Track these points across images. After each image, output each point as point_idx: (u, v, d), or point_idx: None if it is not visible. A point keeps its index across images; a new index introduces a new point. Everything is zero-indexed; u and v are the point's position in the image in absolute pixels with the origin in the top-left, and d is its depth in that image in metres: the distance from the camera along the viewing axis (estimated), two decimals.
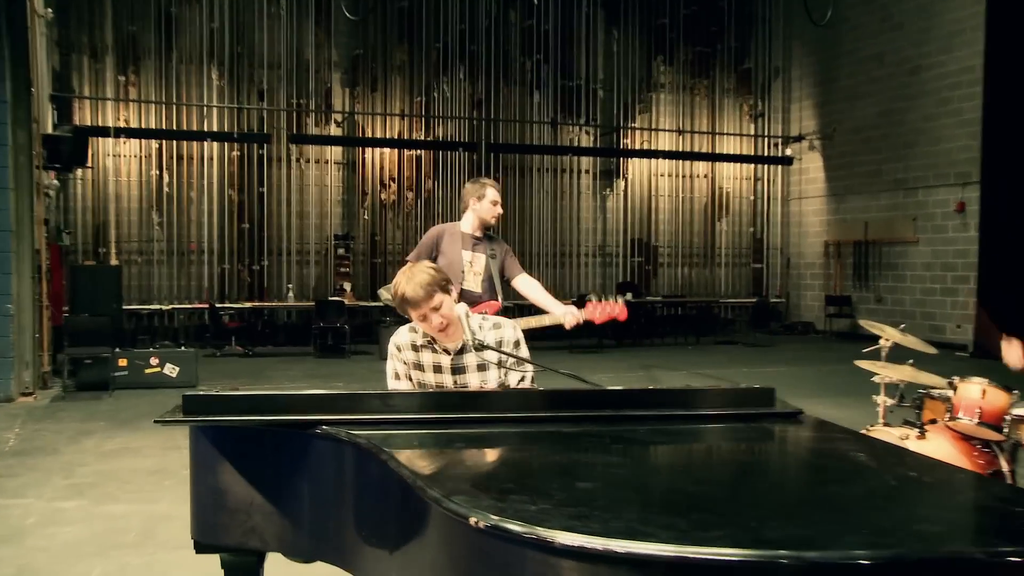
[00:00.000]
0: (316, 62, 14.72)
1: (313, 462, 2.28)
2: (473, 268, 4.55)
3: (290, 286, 14.35)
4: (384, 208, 15.05)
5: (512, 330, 2.98)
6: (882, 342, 5.39)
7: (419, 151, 15.10)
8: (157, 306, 13.64)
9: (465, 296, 4.50)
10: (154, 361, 9.37)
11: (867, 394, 8.17)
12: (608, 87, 16.29)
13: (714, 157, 17.03)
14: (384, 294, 16.59)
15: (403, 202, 15.15)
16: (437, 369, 2.93)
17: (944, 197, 14.26)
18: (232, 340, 13.25)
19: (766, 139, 17.58)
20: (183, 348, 9.83)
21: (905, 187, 15.00)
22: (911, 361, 5.14)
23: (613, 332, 14.46)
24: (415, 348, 2.96)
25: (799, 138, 17.32)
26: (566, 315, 4.25)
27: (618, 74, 16.36)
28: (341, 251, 14.49)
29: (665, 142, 16.75)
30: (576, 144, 16.07)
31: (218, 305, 13.63)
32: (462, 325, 2.84)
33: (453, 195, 15.44)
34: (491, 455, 2.13)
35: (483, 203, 4.53)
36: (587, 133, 16.20)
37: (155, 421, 2.25)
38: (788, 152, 17.58)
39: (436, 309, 2.81)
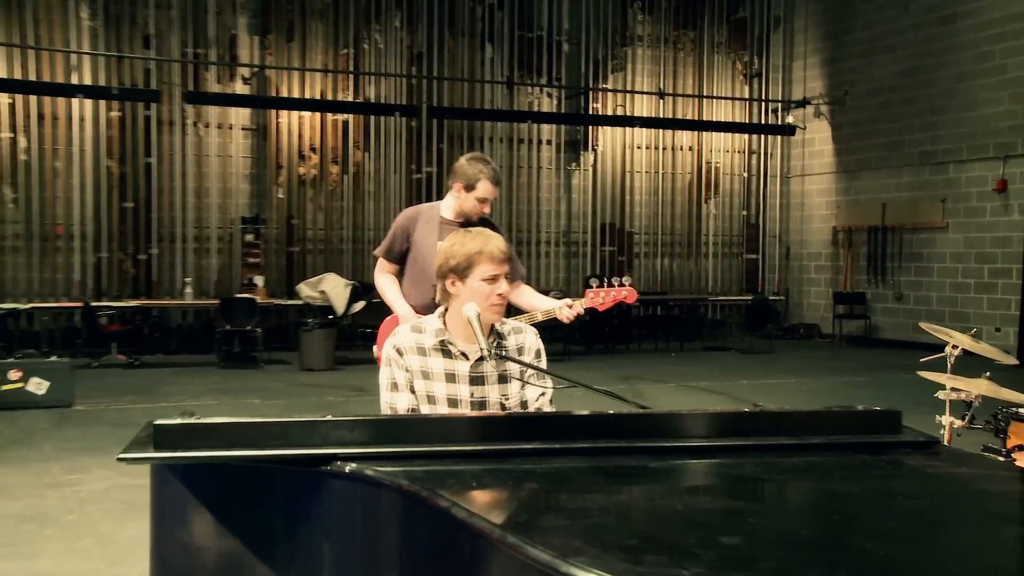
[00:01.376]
0: (218, 2, 14.41)
1: (335, 511, 2.11)
2: None
3: (187, 280, 14.04)
4: (303, 185, 14.86)
5: (534, 337, 3.07)
6: (948, 349, 5.37)
7: (346, 116, 14.95)
8: (12, 305, 13.17)
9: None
10: (14, 375, 8.95)
11: (911, 412, 8.16)
12: (575, 40, 16.30)
13: (701, 126, 17.12)
14: (306, 290, 16.27)
15: (326, 178, 14.97)
16: (451, 378, 2.97)
17: (981, 174, 14.52)
18: (112, 347, 12.91)
19: (763, 104, 17.74)
20: (54, 358, 9.45)
21: (932, 161, 15.24)
22: (988, 373, 5.13)
23: (582, 336, 14.45)
24: (422, 352, 2.98)
25: (803, 103, 17.52)
26: (561, 307, 4.32)
27: (587, 24, 16.35)
28: (250, 237, 14.28)
29: (643, 107, 16.80)
30: (536, 109, 16.05)
31: (94, 304, 13.24)
32: (472, 326, 2.89)
33: (388, 169, 15.27)
34: (583, 499, 1.99)
35: (469, 196, 4.49)
36: (549, 96, 16.20)
37: (119, 458, 2.05)
38: (790, 120, 17.76)
39: (505, 277, 2.93)
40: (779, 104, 17.79)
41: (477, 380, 2.98)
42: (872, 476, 2.27)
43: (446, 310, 3.07)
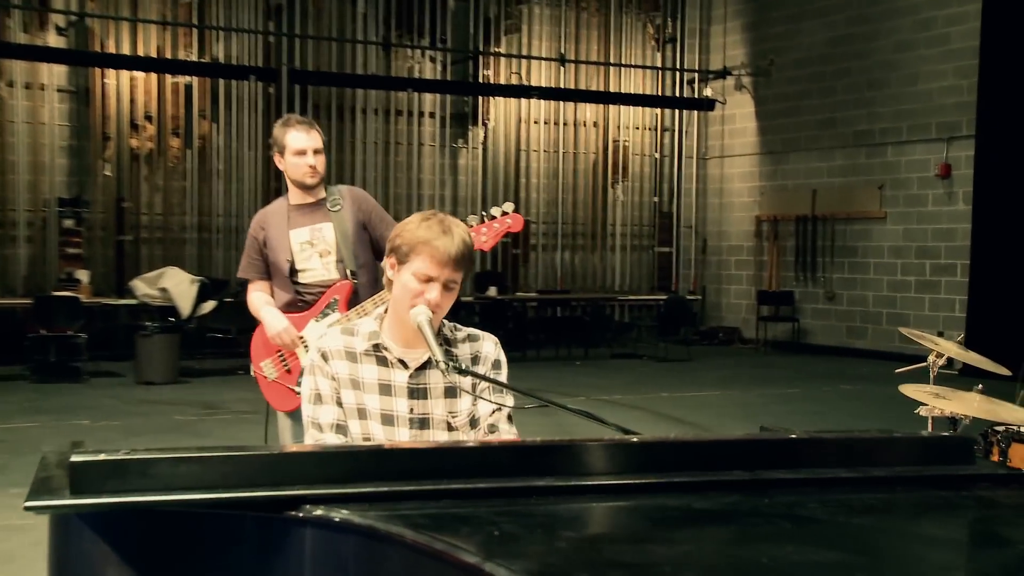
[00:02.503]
0: None
1: (311, 570, 1.92)
2: (316, 248, 4.61)
3: None
4: (136, 161, 14.44)
5: (493, 346, 3.09)
6: (932, 359, 5.43)
7: (188, 78, 14.61)
8: None
9: (311, 295, 4.59)
10: None
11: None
12: None
13: (607, 98, 17.23)
14: (142, 287, 15.81)
15: (165, 153, 14.58)
16: (385, 390, 2.99)
17: (923, 157, 14.94)
18: None
19: (678, 74, 17.99)
20: None
21: (869, 143, 15.63)
22: (980, 386, 5.21)
23: None
24: (352, 357, 3.00)
25: (723, 73, 17.78)
26: None
27: None
28: (69, 223, 13.81)
29: (541, 75, 16.85)
30: (417, 75, 15.98)
31: None
32: (426, 339, 2.87)
33: (241, 144, 14.95)
34: (643, 551, 1.86)
35: (288, 158, 4.56)
36: (432, 60, 16.15)
37: (26, 507, 1.83)
38: (707, 93, 18.01)
39: (453, 284, 2.97)
40: (695, 75, 18.05)
41: (417, 393, 2.99)
42: (968, 518, 2.23)
43: (386, 311, 3.04)
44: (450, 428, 2.99)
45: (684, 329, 16.27)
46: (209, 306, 12.86)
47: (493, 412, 3.03)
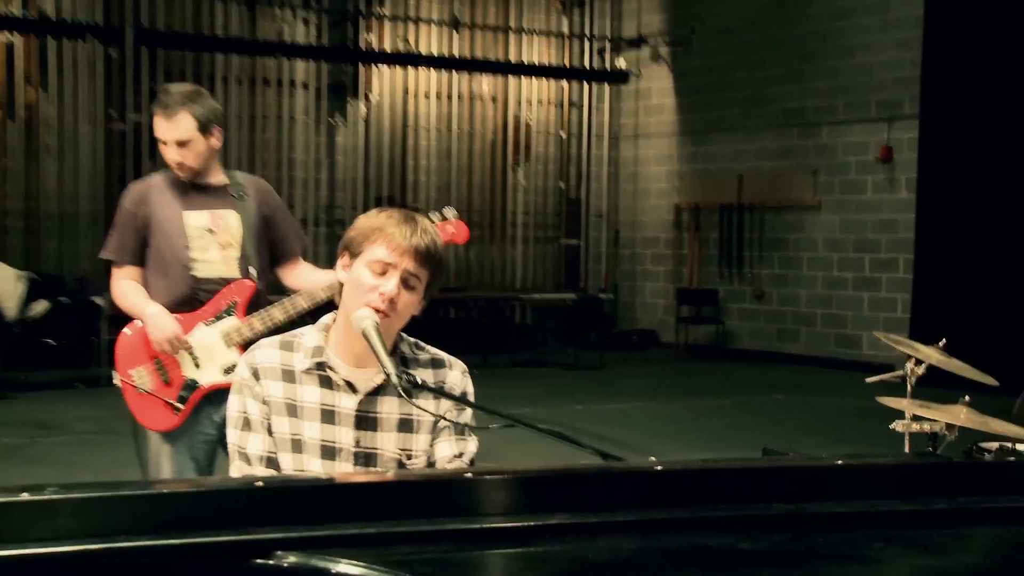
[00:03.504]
0: None
1: None
2: (217, 238, 4.54)
3: None
4: None
5: (461, 375, 3.08)
6: (910, 366, 5.46)
7: (11, 35, 14.22)
8: None
9: (204, 291, 4.51)
10: None
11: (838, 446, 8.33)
12: None
13: (507, 68, 17.20)
14: None
15: None
16: (328, 417, 2.96)
17: (861, 139, 15.18)
18: None
19: (587, 42, 18.00)
20: None
21: (801, 122, 15.83)
22: (967, 397, 5.24)
23: None
24: (289, 376, 2.98)
25: (638, 42, 17.87)
26: None
27: None
28: None
29: (431, 42, 16.80)
30: (287, 40, 15.81)
31: None
32: (373, 349, 2.83)
33: (78, 116, 14.62)
34: None
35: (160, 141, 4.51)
36: (305, 23, 15.97)
37: None
38: (620, 64, 18.09)
39: (415, 281, 2.95)
40: (606, 43, 18.10)
41: (366, 423, 2.96)
42: None
43: (334, 320, 3.01)
44: (401, 468, 2.96)
45: (594, 332, 16.28)
46: (41, 307, 12.47)
47: (453, 460, 3.00)
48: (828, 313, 15.51)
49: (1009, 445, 5.09)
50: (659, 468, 2.36)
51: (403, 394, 2.74)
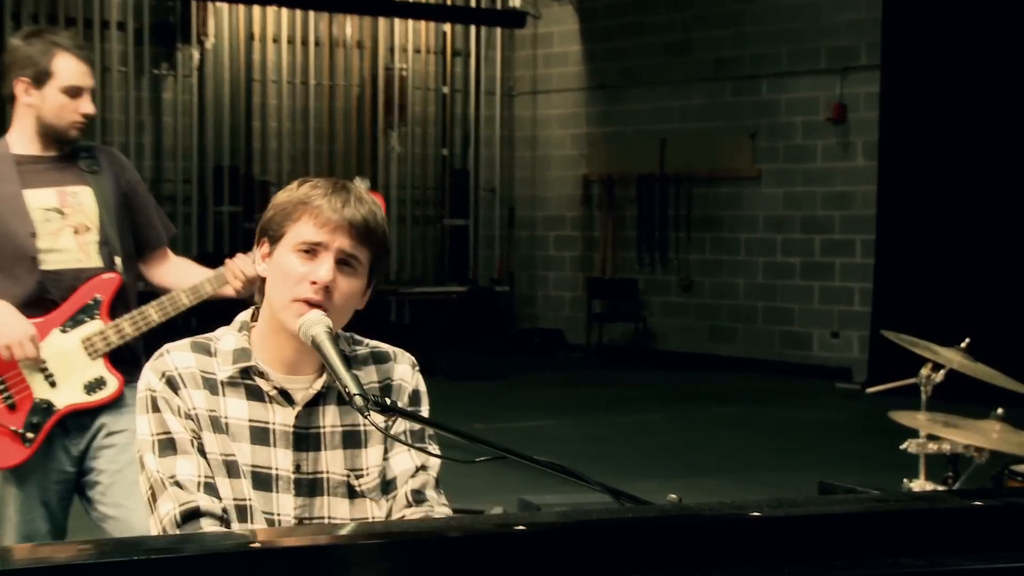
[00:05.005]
0: None
1: None
2: (68, 220, 4.50)
3: None
4: None
5: (409, 369, 3.10)
6: (924, 373, 5.43)
7: None
8: None
9: (57, 288, 4.46)
10: None
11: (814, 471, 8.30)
12: None
13: (376, 7, 17.15)
14: None
15: None
16: (261, 436, 2.94)
17: (809, 94, 15.26)
18: None
19: None
20: None
21: (736, 74, 15.90)
22: (1000, 411, 5.19)
23: None
24: (211, 386, 2.96)
25: None
26: (228, 268, 4.44)
27: None
28: None
29: None
30: None
31: None
32: (329, 363, 2.81)
33: None
34: None
35: (49, 92, 4.43)
36: None
37: None
38: (514, 2, 18.02)
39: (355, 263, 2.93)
40: None
41: (308, 442, 2.95)
42: None
43: (255, 315, 2.98)
44: (353, 493, 2.95)
45: (488, 333, 16.16)
46: None
47: (416, 472, 3.00)
48: (771, 307, 15.60)
49: None
50: (755, 515, 2.29)
51: (367, 411, 2.68)
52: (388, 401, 2.77)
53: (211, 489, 2.87)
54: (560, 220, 17.84)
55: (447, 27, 17.79)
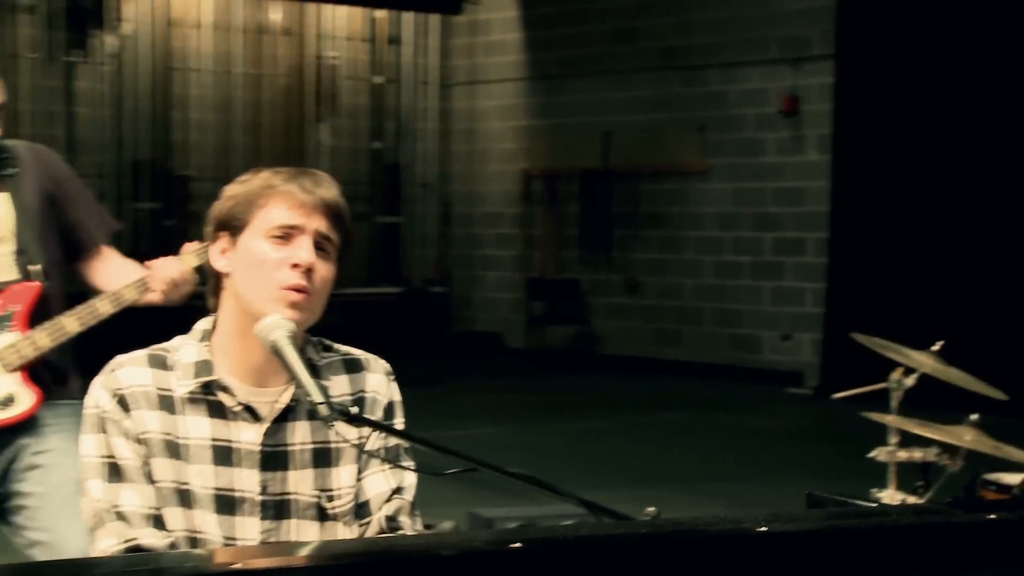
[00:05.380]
0: None
1: None
2: None
3: None
4: None
5: (384, 379, 3.07)
6: (895, 377, 5.44)
7: None
8: None
9: None
10: None
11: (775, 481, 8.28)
12: None
13: None
14: None
15: None
16: (224, 457, 2.90)
17: (760, 86, 15.31)
18: None
19: None
20: None
21: (683, 64, 15.89)
22: (975, 417, 5.23)
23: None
24: (167, 404, 2.91)
25: None
26: (151, 274, 4.38)
27: None
28: None
29: None
30: None
31: None
32: (291, 369, 2.76)
33: None
34: None
35: None
36: None
37: None
38: None
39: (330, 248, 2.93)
40: None
41: (275, 460, 2.90)
42: None
43: (214, 325, 2.94)
44: (324, 516, 2.91)
45: (420, 335, 16.10)
46: None
47: (391, 497, 2.98)
48: (720, 308, 15.63)
49: None
50: (763, 529, 2.26)
51: (329, 422, 2.67)
52: (355, 410, 2.74)
53: (157, 522, 2.84)
54: (499, 217, 17.82)
55: (380, 13, 17.71)
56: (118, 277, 4.49)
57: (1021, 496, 5.12)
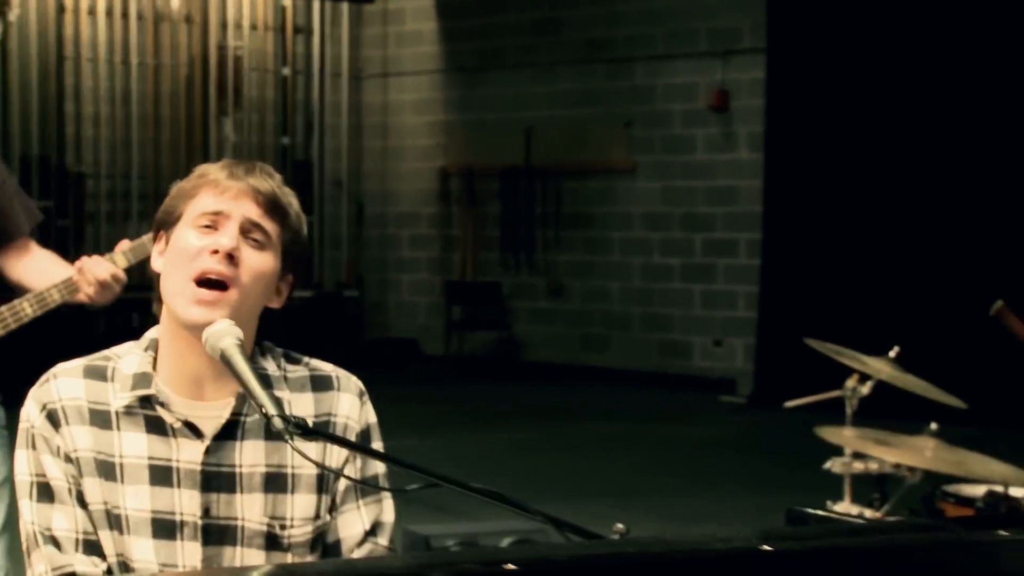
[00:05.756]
0: None
1: None
2: None
3: None
4: None
5: (357, 401, 3.03)
6: (850, 384, 5.53)
7: None
8: None
9: None
10: None
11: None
12: None
13: None
14: None
15: None
16: (162, 476, 2.85)
17: (688, 79, 15.39)
18: None
19: None
20: None
21: (608, 57, 15.94)
22: (935, 426, 5.26)
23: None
24: (104, 420, 2.86)
25: None
26: (79, 271, 4.40)
27: None
28: None
29: None
30: None
31: None
32: (240, 378, 2.68)
33: None
34: None
35: None
36: None
37: None
38: None
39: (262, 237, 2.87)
40: None
41: (219, 481, 2.84)
42: None
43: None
44: (274, 545, 2.85)
45: (335, 343, 16.02)
46: None
47: (364, 540, 2.95)
48: (649, 313, 15.69)
49: (999, 490, 5.08)
50: (767, 549, 2.20)
51: (288, 435, 2.55)
52: (311, 423, 2.65)
53: (91, 547, 2.81)
54: (415, 218, 17.80)
55: (287, 1, 17.58)
56: (42, 274, 4.47)
57: (985, 510, 5.16)
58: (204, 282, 2.73)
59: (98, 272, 4.31)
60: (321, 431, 2.75)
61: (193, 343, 2.72)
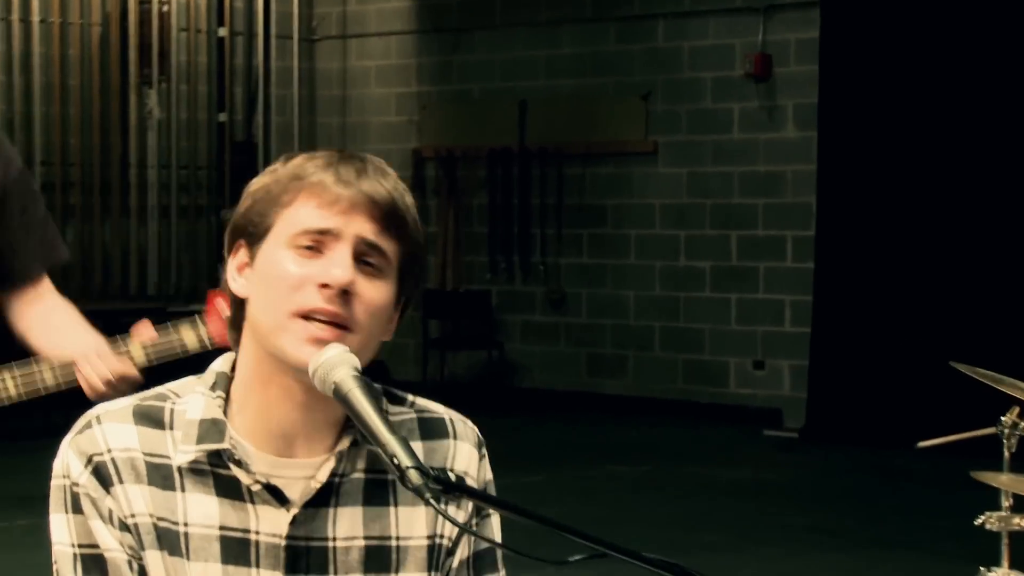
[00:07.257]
0: None
1: None
2: None
3: None
4: None
5: (475, 452, 2.91)
6: (1008, 420, 5.40)
7: None
8: None
9: None
10: None
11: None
12: None
13: None
14: None
15: None
16: (237, 552, 2.77)
17: (721, 41, 15.35)
18: None
19: None
20: None
21: (623, 14, 15.92)
22: None
23: None
24: (164, 475, 2.78)
25: None
26: (88, 364, 4.40)
27: None
28: None
29: None
30: None
31: None
32: (366, 426, 2.52)
33: None
34: None
35: None
36: None
37: None
38: None
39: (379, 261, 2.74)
40: None
41: (306, 559, 2.74)
42: None
43: (233, 368, 2.78)
44: None
45: None
46: None
47: None
48: (672, 328, 15.69)
49: None
50: None
51: (435, 506, 2.40)
52: (453, 477, 2.57)
53: None
54: None
55: None
56: (52, 332, 4.51)
57: None
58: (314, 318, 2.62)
59: (104, 372, 4.28)
60: (469, 489, 2.68)
61: (288, 387, 2.61)
